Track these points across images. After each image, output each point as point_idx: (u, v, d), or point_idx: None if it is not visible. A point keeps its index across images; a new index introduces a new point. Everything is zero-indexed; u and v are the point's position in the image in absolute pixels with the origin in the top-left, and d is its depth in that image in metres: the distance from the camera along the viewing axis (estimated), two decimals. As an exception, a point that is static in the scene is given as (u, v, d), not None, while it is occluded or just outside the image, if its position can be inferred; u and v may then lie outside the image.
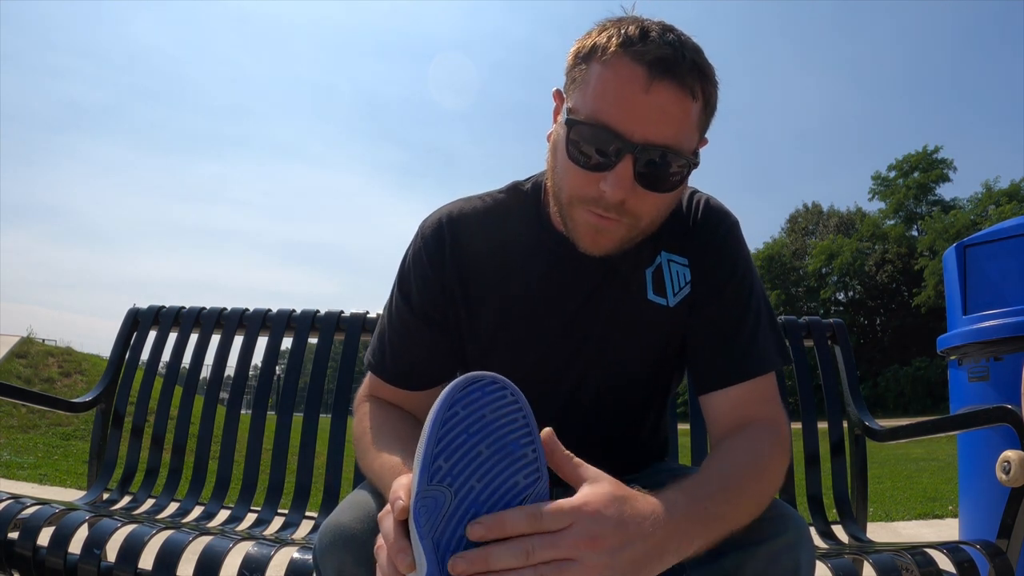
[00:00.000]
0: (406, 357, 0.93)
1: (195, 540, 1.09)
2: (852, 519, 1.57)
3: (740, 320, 0.88)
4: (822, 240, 40.93)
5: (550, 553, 0.56)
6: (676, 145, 0.76)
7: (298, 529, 1.50)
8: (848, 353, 1.71)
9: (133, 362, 1.86)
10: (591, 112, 0.76)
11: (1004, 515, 1.14)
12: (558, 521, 0.57)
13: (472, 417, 0.59)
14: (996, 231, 2.14)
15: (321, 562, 0.74)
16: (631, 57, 0.74)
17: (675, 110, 0.75)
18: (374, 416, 0.89)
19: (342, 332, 1.75)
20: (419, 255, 0.93)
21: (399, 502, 0.59)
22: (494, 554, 0.55)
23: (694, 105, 0.77)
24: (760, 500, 0.73)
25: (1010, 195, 32.16)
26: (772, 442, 0.80)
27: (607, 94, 0.75)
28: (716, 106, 0.82)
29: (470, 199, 0.96)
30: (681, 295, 0.91)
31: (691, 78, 0.76)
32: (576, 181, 0.79)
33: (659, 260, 0.92)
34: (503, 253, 0.92)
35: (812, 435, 1.63)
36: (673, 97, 0.75)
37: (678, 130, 0.76)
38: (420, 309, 0.92)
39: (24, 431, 6.69)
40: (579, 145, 0.77)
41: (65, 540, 1.10)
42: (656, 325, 0.92)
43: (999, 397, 1.91)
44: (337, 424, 1.67)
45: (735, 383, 0.86)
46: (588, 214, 0.80)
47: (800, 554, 0.72)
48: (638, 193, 0.77)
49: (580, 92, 0.78)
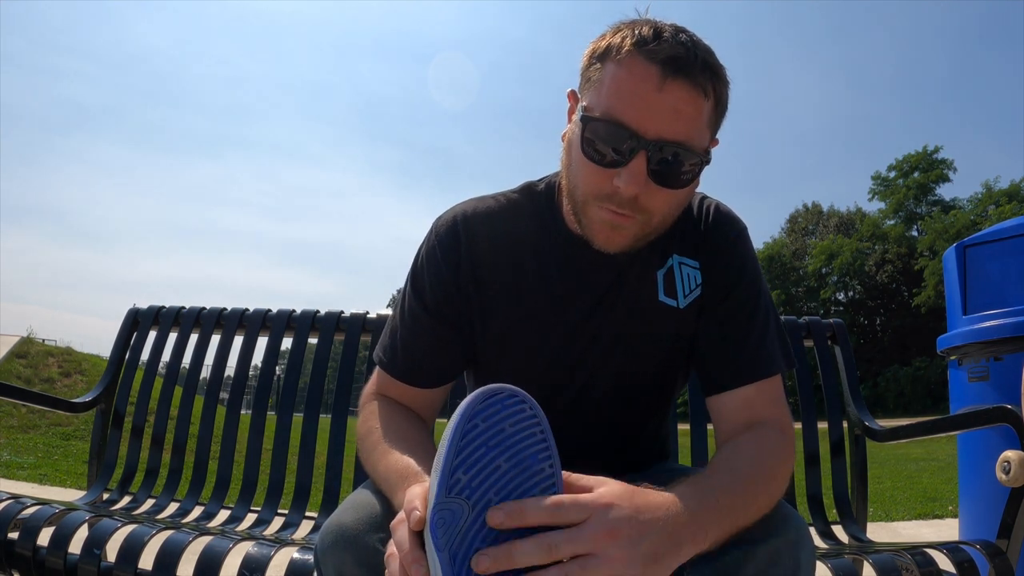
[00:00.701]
0: (417, 354, 0.93)
1: (195, 540, 1.09)
2: (852, 519, 1.57)
3: (749, 323, 0.90)
4: (822, 240, 40.92)
5: (572, 548, 0.57)
6: (688, 142, 0.78)
7: (298, 529, 1.50)
8: (848, 353, 1.71)
9: (133, 362, 1.86)
10: (605, 110, 0.78)
11: (1004, 515, 1.14)
12: (578, 513, 0.58)
13: (492, 430, 0.59)
14: (996, 231, 2.14)
15: (322, 562, 0.74)
16: (645, 56, 0.76)
17: (688, 108, 0.77)
18: (382, 415, 0.89)
19: (342, 332, 1.74)
20: (433, 252, 0.93)
21: (415, 512, 0.59)
22: (518, 550, 0.56)
23: (706, 103, 0.79)
24: (769, 497, 0.74)
25: (1010, 195, 32.12)
26: (779, 441, 0.82)
27: (621, 92, 0.77)
28: (727, 106, 0.84)
29: (484, 199, 0.97)
30: (691, 297, 0.93)
31: (703, 77, 0.77)
32: (591, 178, 0.81)
33: (671, 262, 0.93)
34: (516, 253, 0.93)
35: (812, 435, 1.63)
36: (686, 95, 0.76)
37: (690, 127, 0.78)
38: (433, 306, 0.92)
39: (24, 431, 6.69)
40: (593, 143, 0.79)
41: (65, 540, 1.10)
42: (666, 326, 0.93)
43: (999, 397, 1.91)
44: (337, 424, 1.66)
45: (744, 384, 0.87)
46: (603, 211, 0.81)
47: (800, 554, 0.72)
48: (651, 189, 0.79)
49: (595, 91, 0.80)
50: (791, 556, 0.71)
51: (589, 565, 0.57)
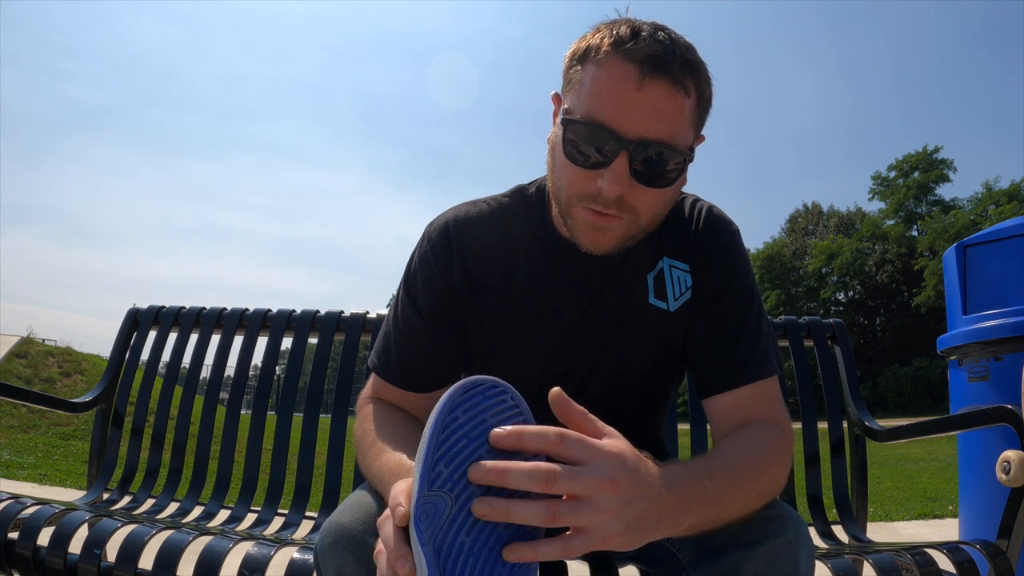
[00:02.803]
0: (411, 359, 0.93)
1: (195, 540, 1.09)
2: (852, 519, 1.57)
3: (742, 325, 0.90)
4: (822, 240, 40.92)
5: (570, 486, 0.56)
6: (671, 141, 0.77)
7: (298, 529, 1.50)
8: (848, 353, 1.71)
9: (133, 362, 1.86)
10: (586, 111, 0.78)
11: (1004, 515, 1.14)
12: (580, 451, 0.57)
13: (473, 421, 0.58)
14: (996, 231, 2.14)
15: (322, 562, 0.74)
16: (623, 56, 0.76)
17: (668, 106, 0.77)
18: (376, 418, 0.89)
19: (342, 332, 1.74)
20: (426, 258, 0.94)
21: (399, 508, 0.59)
22: (513, 470, 0.55)
23: (687, 101, 0.78)
24: (760, 494, 0.74)
25: (1010, 195, 32.14)
26: (775, 439, 0.81)
27: (601, 93, 0.77)
28: (711, 102, 0.83)
29: (475, 203, 0.97)
30: (682, 300, 0.93)
31: (683, 74, 0.77)
32: (574, 179, 0.81)
33: (661, 265, 0.93)
34: (508, 256, 0.93)
35: (812, 435, 1.63)
36: (665, 93, 0.76)
37: (672, 126, 0.77)
38: (427, 311, 0.92)
39: (24, 431, 6.69)
40: (576, 144, 0.79)
41: (65, 540, 1.10)
42: (657, 328, 0.93)
43: (999, 397, 1.91)
44: (337, 424, 1.66)
45: (740, 385, 0.87)
46: (588, 212, 0.81)
47: (799, 554, 0.72)
48: (635, 189, 0.79)
49: (576, 93, 0.80)
50: (790, 557, 0.71)
51: (580, 510, 0.56)
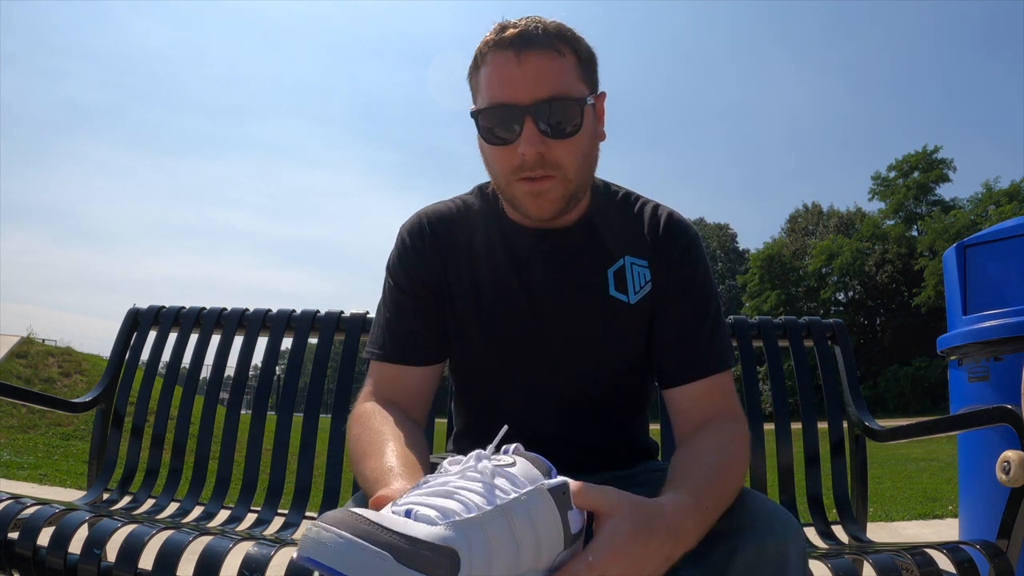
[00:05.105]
0: (403, 331, 0.99)
1: (195, 540, 1.09)
2: (852, 519, 1.57)
3: (700, 322, 0.98)
4: (822, 240, 40.89)
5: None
6: (562, 93, 0.88)
7: (298, 529, 1.50)
8: (848, 353, 1.71)
9: (133, 362, 1.86)
10: (487, 100, 0.90)
11: (1004, 515, 1.14)
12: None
13: None
14: (996, 231, 2.14)
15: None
16: (499, 47, 0.88)
17: (548, 67, 0.88)
18: (368, 422, 0.91)
19: (342, 332, 1.75)
20: (404, 247, 1.03)
21: None
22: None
23: (564, 60, 0.89)
24: (737, 485, 0.82)
25: (1010, 195, 32.10)
26: (737, 431, 0.90)
27: (492, 82, 0.89)
28: (594, 57, 0.95)
29: (443, 201, 1.07)
30: (642, 293, 1.00)
31: (553, 40, 0.88)
32: (500, 159, 0.91)
33: (622, 261, 1.01)
34: (472, 247, 1.02)
35: (812, 435, 1.63)
36: (542, 59, 0.88)
37: (558, 83, 0.88)
38: (410, 289, 1.01)
39: (24, 431, 6.69)
40: (490, 130, 0.90)
41: (65, 540, 1.10)
42: (618, 319, 0.99)
43: (999, 397, 1.91)
44: (337, 424, 1.66)
45: (699, 378, 0.95)
46: (522, 183, 0.90)
47: (788, 548, 0.74)
48: (549, 145, 0.88)
49: (479, 94, 0.92)
50: (778, 551, 0.73)
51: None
